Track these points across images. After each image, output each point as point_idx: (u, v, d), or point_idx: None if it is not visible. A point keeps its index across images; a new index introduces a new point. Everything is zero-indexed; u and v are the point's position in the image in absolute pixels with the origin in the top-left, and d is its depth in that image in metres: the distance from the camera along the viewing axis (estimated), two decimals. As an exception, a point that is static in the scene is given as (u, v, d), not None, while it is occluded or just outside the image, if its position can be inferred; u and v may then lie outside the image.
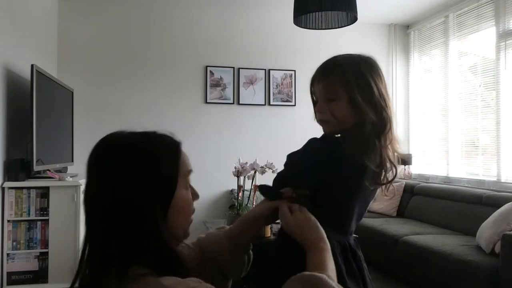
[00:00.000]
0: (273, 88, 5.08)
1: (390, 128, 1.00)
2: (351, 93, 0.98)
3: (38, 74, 3.08)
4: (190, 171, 0.83)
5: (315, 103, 1.07)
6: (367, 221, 4.05)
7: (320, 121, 1.05)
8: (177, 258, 0.76)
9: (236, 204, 2.73)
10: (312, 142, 1.03)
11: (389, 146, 1.01)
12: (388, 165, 1.00)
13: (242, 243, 1.00)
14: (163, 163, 0.77)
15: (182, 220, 0.81)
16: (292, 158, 1.04)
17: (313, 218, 0.93)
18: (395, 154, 1.02)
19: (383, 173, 1.00)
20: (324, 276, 0.78)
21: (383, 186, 1.03)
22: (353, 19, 2.73)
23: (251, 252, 1.04)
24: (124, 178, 0.74)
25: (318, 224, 0.92)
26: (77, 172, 3.89)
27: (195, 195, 0.85)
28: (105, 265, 0.73)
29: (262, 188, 1.01)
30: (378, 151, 0.99)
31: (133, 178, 0.74)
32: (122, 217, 0.74)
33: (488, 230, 2.98)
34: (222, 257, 0.98)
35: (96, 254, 0.75)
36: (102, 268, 0.73)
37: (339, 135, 1.04)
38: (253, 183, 2.75)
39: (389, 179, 1.02)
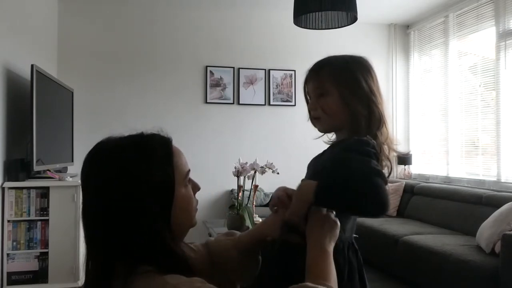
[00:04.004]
0: (273, 88, 5.08)
1: (384, 124, 1.02)
2: (339, 87, 1.01)
3: (38, 74, 3.08)
4: (187, 172, 0.83)
5: (308, 103, 1.09)
6: (367, 221, 4.04)
7: (313, 118, 1.07)
8: (181, 258, 0.77)
9: (236, 204, 2.73)
10: (362, 145, 0.94)
11: (385, 143, 1.03)
12: (383, 162, 1.03)
13: (251, 254, 1.00)
14: (154, 168, 0.76)
15: (186, 216, 0.82)
16: (329, 164, 0.97)
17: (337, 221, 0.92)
18: (390, 151, 1.04)
19: None
20: None
21: None
22: (353, 19, 2.73)
23: (259, 257, 1.02)
24: (118, 188, 0.75)
25: (338, 228, 0.91)
26: (77, 172, 3.89)
27: (196, 188, 0.86)
28: (111, 263, 0.75)
29: None
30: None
31: (126, 187, 0.75)
32: (122, 224, 0.75)
33: (488, 230, 2.98)
34: (231, 267, 0.97)
35: (100, 257, 0.76)
36: (108, 266, 0.75)
37: (333, 132, 1.05)
38: (253, 183, 2.76)
39: None
